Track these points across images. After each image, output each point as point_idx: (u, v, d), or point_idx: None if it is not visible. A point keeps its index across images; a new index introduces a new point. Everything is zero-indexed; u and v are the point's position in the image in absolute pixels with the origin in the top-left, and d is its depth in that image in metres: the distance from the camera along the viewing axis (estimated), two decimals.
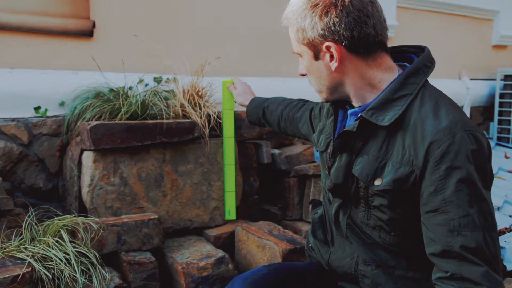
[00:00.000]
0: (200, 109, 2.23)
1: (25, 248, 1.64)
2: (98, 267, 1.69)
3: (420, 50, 1.22)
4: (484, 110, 4.47)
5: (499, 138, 4.27)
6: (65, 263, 1.61)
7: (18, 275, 1.49)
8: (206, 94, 2.34)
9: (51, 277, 1.57)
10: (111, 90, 2.30)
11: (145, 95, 2.33)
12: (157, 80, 2.50)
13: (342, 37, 1.09)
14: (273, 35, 3.01)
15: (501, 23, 4.46)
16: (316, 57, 1.16)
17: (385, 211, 1.14)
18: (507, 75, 4.21)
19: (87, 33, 2.39)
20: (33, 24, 2.25)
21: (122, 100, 2.19)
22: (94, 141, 1.96)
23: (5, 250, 1.65)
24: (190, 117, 2.21)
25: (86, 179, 2.02)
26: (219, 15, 2.82)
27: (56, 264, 1.60)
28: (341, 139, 1.19)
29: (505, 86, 4.24)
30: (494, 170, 3.36)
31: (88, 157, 2.02)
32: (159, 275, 1.87)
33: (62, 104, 2.27)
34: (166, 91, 2.43)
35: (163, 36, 2.61)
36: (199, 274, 1.87)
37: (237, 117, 2.53)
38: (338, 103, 1.27)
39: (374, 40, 1.12)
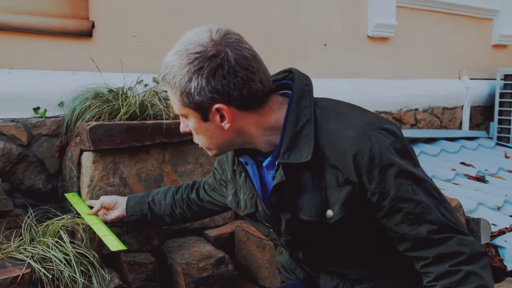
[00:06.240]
0: None
1: (25, 249, 1.64)
2: (98, 268, 1.69)
3: (288, 73, 1.20)
4: (484, 110, 4.47)
5: (499, 138, 4.26)
6: (64, 264, 1.61)
7: (18, 276, 1.49)
8: None
9: (50, 278, 1.57)
10: (111, 90, 2.30)
11: (144, 96, 2.33)
12: (156, 81, 2.50)
13: (231, 98, 1.06)
14: (273, 35, 3.01)
15: (501, 23, 4.46)
16: (205, 119, 1.10)
17: (348, 232, 1.14)
18: (507, 74, 4.21)
19: (86, 34, 2.38)
20: (32, 25, 2.24)
21: (122, 101, 2.18)
22: (93, 142, 1.95)
23: (5, 251, 1.64)
24: None
25: (85, 180, 2.02)
26: (218, 15, 2.82)
27: (56, 265, 1.59)
28: (276, 194, 1.15)
29: (505, 86, 4.24)
30: (494, 170, 3.36)
31: (87, 158, 2.02)
32: (159, 275, 1.86)
33: (61, 104, 2.26)
34: (165, 91, 2.42)
35: (162, 36, 2.61)
36: (199, 275, 1.87)
37: None
38: (242, 152, 1.21)
39: (263, 93, 1.10)
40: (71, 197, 2.01)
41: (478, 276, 1.04)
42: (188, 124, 1.16)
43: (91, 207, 1.87)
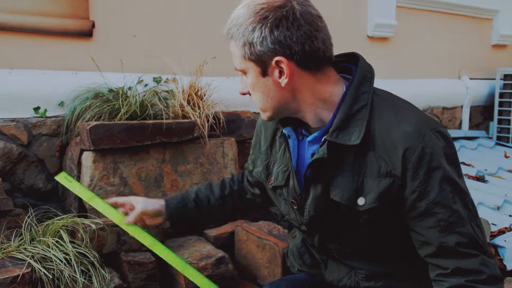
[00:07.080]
0: (199, 109, 2.23)
1: (25, 249, 1.64)
2: (98, 268, 1.69)
3: (351, 57, 1.19)
4: (484, 110, 4.47)
5: (498, 138, 4.27)
6: (65, 263, 1.61)
7: (18, 275, 1.50)
8: (205, 94, 2.34)
9: (51, 277, 1.57)
10: (111, 90, 2.30)
11: (144, 95, 2.33)
12: (157, 80, 2.50)
13: (293, 51, 1.06)
14: None
15: (501, 23, 4.46)
16: (264, 73, 1.10)
17: (373, 225, 1.13)
18: (506, 74, 4.21)
19: (87, 33, 2.39)
20: (32, 25, 2.25)
21: (122, 100, 2.19)
22: (93, 142, 1.96)
23: (5, 250, 1.65)
24: (190, 117, 2.21)
25: (85, 180, 2.02)
26: (219, 14, 2.82)
27: (56, 264, 1.60)
28: (313, 168, 1.14)
29: (505, 86, 4.25)
30: (494, 170, 3.36)
31: (87, 158, 2.02)
32: (159, 275, 1.87)
33: (61, 104, 2.27)
34: (165, 91, 2.43)
35: (162, 36, 2.61)
36: None
37: (237, 117, 2.53)
38: (287, 124, 1.20)
39: (324, 55, 1.09)
40: (63, 179, 1.51)
41: None
42: (247, 84, 1.15)
43: (114, 206, 1.54)
